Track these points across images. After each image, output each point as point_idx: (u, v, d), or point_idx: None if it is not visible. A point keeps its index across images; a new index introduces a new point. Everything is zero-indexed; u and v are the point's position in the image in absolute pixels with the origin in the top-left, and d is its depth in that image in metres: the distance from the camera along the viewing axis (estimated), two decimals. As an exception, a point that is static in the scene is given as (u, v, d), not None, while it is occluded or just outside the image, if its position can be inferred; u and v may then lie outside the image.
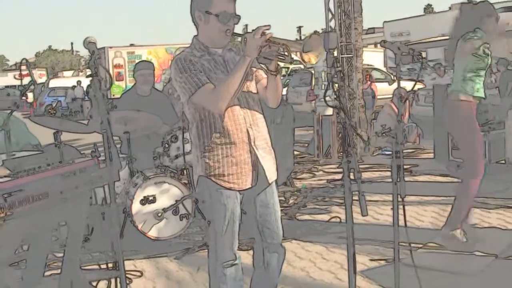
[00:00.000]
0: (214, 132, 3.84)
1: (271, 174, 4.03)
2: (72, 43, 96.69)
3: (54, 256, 5.98)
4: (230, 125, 3.83)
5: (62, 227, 5.62)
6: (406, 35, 25.45)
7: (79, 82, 37.00)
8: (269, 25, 3.64)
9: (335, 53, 11.38)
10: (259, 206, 4.06)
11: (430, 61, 21.73)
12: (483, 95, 5.96)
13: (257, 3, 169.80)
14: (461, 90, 5.92)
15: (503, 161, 9.43)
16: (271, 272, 4.19)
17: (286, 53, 3.71)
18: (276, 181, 4.15)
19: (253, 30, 3.63)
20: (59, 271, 4.98)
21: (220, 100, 3.69)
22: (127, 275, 5.13)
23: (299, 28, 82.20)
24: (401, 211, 4.09)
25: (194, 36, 3.97)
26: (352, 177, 3.51)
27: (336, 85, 3.44)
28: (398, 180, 4.05)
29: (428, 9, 74.30)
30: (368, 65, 20.25)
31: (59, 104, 36.30)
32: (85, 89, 34.14)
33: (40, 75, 55.58)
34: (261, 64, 3.92)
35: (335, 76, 3.41)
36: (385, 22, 27.84)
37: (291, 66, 29.09)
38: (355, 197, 3.47)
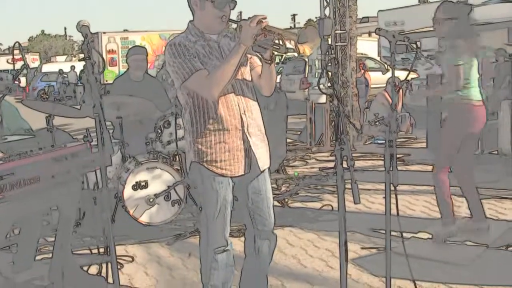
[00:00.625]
0: (207, 118, 3.82)
1: (264, 162, 4.02)
2: (65, 28, 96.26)
3: (45, 241, 5.99)
4: (223, 111, 3.81)
5: (53, 211, 5.62)
6: (401, 25, 25.34)
7: (72, 67, 36.80)
8: (265, 15, 3.63)
9: (329, 41, 11.37)
10: (251, 193, 4.05)
11: (424, 51, 21.70)
12: (479, 98, 5.97)
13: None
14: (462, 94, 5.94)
15: (495, 152, 9.45)
16: (262, 259, 4.19)
17: (281, 43, 3.69)
18: (269, 168, 4.14)
19: (249, 18, 3.61)
20: (50, 255, 4.98)
21: (214, 87, 3.67)
22: (118, 260, 5.14)
23: (294, 16, 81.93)
24: (393, 200, 4.09)
25: (190, 21, 3.95)
26: (345, 165, 3.50)
27: (330, 72, 3.40)
28: (391, 169, 4.05)
29: (423, -2, 74.25)
30: (362, 54, 20.22)
31: (51, 89, 36.18)
32: (78, 74, 34.04)
33: (33, 60, 55.36)
34: (256, 52, 3.90)
35: (329, 63, 3.40)
36: (379, 11, 27.72)
37: (285, 54, 29.07)
38: (348, 185, 3.47)
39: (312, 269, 5.50)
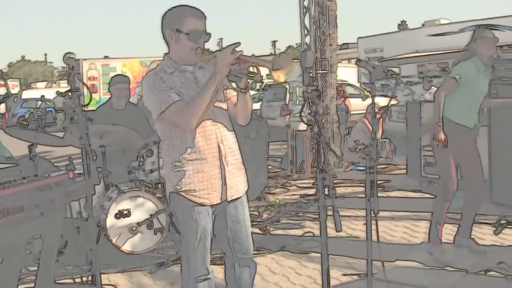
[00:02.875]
0: (185, 148, 3.87)
1: (236, 191, 4.06)
2: (45, 54, 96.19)
3: (28, 270, 5.95)
4: (201, 141, 3.87)
5: (35, 240, 5.61)
6: (380, 51, 25.63)
7: (58, 93, 36.53)
8: (239, 43, 3.70)
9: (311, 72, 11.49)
10: (230, 221, 4.09)
11: (404, 77, 21.94)
12: (471, 126, 6.26)
13: (233, 17, 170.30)
14: (454, 121, 6.22)
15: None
16: (243, 286, 4.22)
17: (255, 71, 3.76)
18: (247, 196, 4.19)
19: (223, 48, 3.69)
20: (32, 285, 4.97)
21: (191, 117, 3.72)
22: (101, 289, 5.13)
23: (274, 42, 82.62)
24: (374, 227, 4.16)
25: (165, 53, 4.01)
26: (326, 192, 3.56)
27: (312, 104, 3.46)
28: (372, 195, 4.12)
29: (403, 25, 74.98)
30: (342, 80, 20.40)
31: (31, 116, 35.96)
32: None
33: (13, 86, 55.05)
34: (231, 82, 3.97)
35: (311, 95, 3.46)
36: (359, 38, 28.02)
37: (266, 81, 29.20)
38: (329, 213, 3.53)
39: (295, 296, 5.54)
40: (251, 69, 3.75)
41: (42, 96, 37.56)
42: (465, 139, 6.23)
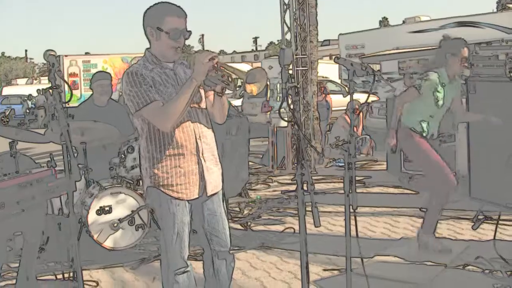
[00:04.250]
0: (163, 143, 3.93)
1: (215, 186, 4.13)
2: (26, 51, 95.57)
3: (9, 267, 5.96)
4: (179, 137, 3.93)
5: (17, 237, 5.61)
6: (361, 48, 25.67)
7: (39, 91, 36.29)
8: (216, 54, 3.76)
9: (290, 67, 11.54)
10: (206, 214, 4.15)
11: (384, 74, 22.02)
12: (424, 134, 6.41)
13: (215, 13, 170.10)
14: (413, 129, 6.39)
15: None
16: (221, 280, 4.27)
17: (230, 80, 3.81)
18: (223, 190, 4.26)
19: (201, 51, 3.74)
20: (14, 281, 4.98)
21: (166, 120, 3.79)
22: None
23: (255, 39, 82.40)
24: (353, 222, 4.20)
25: (147, 48, 4.07)
26: (305, 188, 3.61)
27: (291, 101, 3.51)
28: (350, 191, 4.17)
29: (384, 22, 75.21)
30: (323, 77, 20.47)
31: (12, 112, 35.71)
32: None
33: (-7, 83, 54.73)
34: (207, 86, 4.01)
35: (289, 92, 3.51)
36: (340, 34, 28.07)
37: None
38: (309, 209, 3.57)
39: (275, 291, 5.59)
40: (225, 78, 3.80)
41: (30, 95, 37.23)
42: (420, 142, 6.33)
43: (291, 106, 3.49)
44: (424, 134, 6.34)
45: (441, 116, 6.46)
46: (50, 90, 3.44)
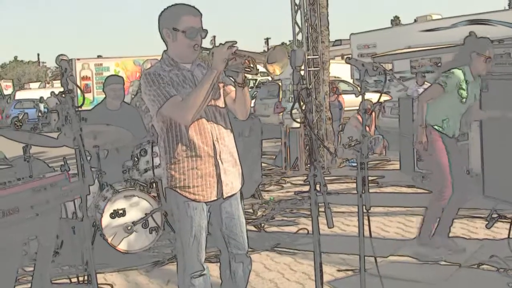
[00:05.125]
0: (181, 144, 3.92)
1: (231, 188, 4.11)
2: (38, 54, 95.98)
3: (24, 271, 5.98)
4: (196, 139, 3.92)
5: (31, 241, 5.64)
6: (373, 47, 25.64)
7: (52, 93, 36.36)
8: (235, 41, 3.75)
9: (302, 68, 11.53)
10: (224, 217, 4.14)
11: (397, 73, 21.98)
12: (450, 135, 6.31)
13: (226, 15, 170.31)
14: (436, 127, 6.28)
15: (467, 172, 9.60)
16: (238, 282, 4.27)
17: (252, 65, 3.81)
18: (241, 193, 4.24)
19: (220, 44, 3.73)
20: (29, 285, 4.99)
21: (187, 111, 3.77)
22: (97, 288, 5.17)
23: (267, 39, 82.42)
24: (366, 222, 4.20)
25: (164, 51, 4.06)
26: (318, 189, 3.60)
27: (302, 102, 3.51)
28: (363, 192, 4.16)
29: (395, 21, 74.93)
30: (335, 77, 20.45)
31: (25, 117, 35.87)
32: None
33: (6, 87, 55.06)
34: (228, 77, 4.01)
35: (301, 93, 3.51)
36: (351, 34, 28.05)
37: (259, 78, 29.25)
38: (322, 209, 3.56)
39: (290, 293, 5.59)
40: (247, 63, 3.79)
41: (41, 97, 37.32)
42: (437, 142, 6.26)
43: (303, 108, 3.48)
44: (445, 132, 6.26)
45: (462, 115, 6.39)
46: (63, 95, 3.45)
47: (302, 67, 3.77)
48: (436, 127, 6.23)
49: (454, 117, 6.29)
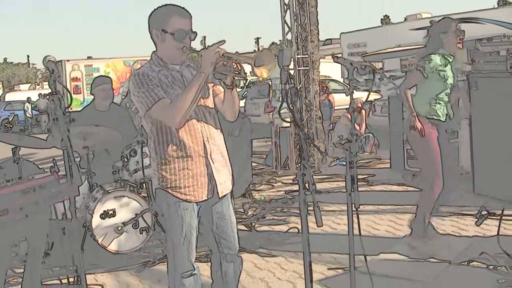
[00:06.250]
0: (171, 145, 3.92)
1: (225, 187, 4.11)
2: (28, 56, 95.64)
3: (14, 272, 5.97)
4: (187, 139, 3.92)
5: (21, 242, 5.62)
6: (363, 46, 25.64)
7: (40, 95, 36.26)
8: (223, 41, 3.75)
9: (291, 67, 11.52)
10: (215, 217, 4.14)
11: (387, 72, 22.00)
12: (443, 119, 6.30)
13: (216, 15, 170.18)
14: (424, 115, 6.30)
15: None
16: (229, 282, 4.27)
17: (240, 68, 3.81)
18: (232, 192, 4.25)
19: (208, 47, 3.73)
20: (19, 287, 4.99)
21: (176, 114, 3.77)
22: (88, 289, 5.16)
23: (257, 39, 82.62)
24: (356, 221, 4.21)
25: (153, 51, 4.06)
26: (307, 188, 3.61)
27: (290, 101, 3.51)
28: (352, 190, 4.17)
29: (385, 20, 75.06)
30: (325, 76, 20.42)
31: (15, 118, 35.77)
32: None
33: (-5, 89, 54.83)
34: (217, 79, 4.01)
35: (289, 93, 3.51)
36: (342, 33, 28.03)
37: (249, 78, 29.21)
38: (311, 208, 3.57)
39: (280, 292, 5.59)
40: (235, 66, 3.80)
41: (28, 98, 37.22)
42: (431, 136, 6.28)
43: (291, 107, 3.48)
44: (436, 118, 6.28)
45: (448, 95, 6.39)
46: (50, 96, 3.44)
47: (291, 66, 3.76)
48: (428, 116, 6.25)
49: (441, 99, 6.30)
